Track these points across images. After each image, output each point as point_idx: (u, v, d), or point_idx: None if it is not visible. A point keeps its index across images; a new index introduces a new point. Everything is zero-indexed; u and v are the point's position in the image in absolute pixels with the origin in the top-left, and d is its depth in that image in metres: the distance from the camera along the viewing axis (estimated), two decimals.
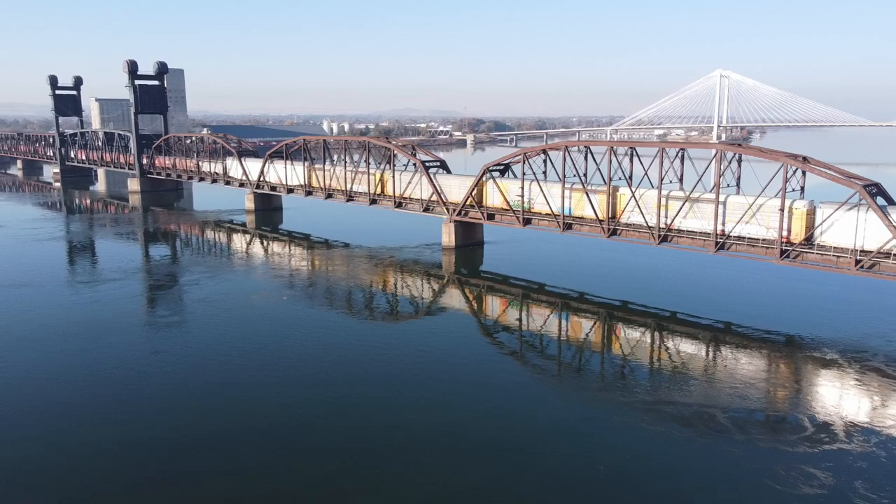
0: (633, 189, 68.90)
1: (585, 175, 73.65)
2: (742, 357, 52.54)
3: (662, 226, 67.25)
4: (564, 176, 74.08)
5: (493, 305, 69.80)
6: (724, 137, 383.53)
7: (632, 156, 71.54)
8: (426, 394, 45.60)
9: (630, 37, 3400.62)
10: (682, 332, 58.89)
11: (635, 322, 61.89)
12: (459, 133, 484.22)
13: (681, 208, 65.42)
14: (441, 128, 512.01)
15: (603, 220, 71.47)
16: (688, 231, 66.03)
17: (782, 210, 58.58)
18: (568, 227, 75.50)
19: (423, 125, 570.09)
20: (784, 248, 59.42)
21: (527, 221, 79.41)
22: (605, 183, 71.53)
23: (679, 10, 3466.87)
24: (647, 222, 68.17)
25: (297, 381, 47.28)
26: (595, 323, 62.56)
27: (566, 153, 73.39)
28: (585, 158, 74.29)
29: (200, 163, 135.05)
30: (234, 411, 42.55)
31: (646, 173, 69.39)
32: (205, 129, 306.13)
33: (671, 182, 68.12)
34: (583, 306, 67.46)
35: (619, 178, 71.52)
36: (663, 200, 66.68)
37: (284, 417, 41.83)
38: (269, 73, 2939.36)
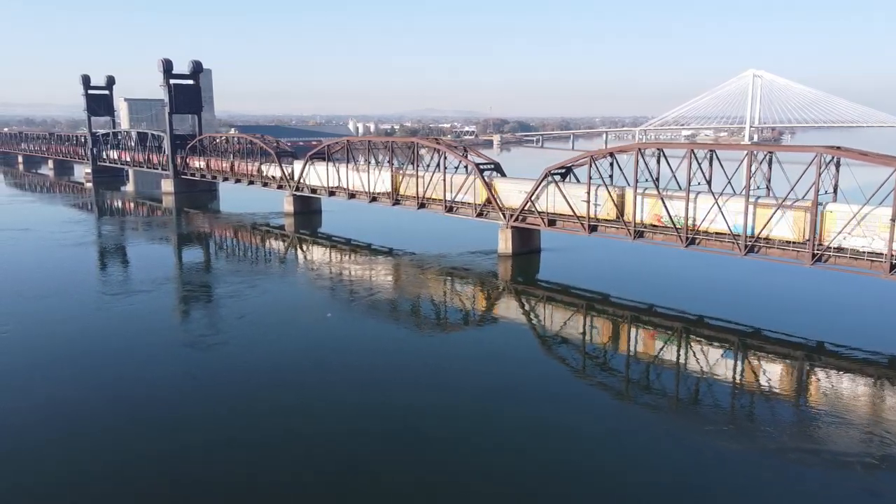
0: (717, 195, 63.86)
1: (658, 179, 69.13)
2: (848, 384, 47.56)
3: (749, 235, 62.24)
4: (636, 180, 69.29)
5: (567, 318, 64.90)
6: (755, 138, 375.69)
7: (711, 159, 66.60)
8: (505, 413, 41.80)
9: (652, 37, 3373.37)
10: (770, 351, 53.83)
11: (716, 338, 56.88)
12: (484, 134, 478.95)
13: (771, 216, 60.25)
14: (467, 128, 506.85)
15: (681, 229, 66.47)
16: (779, 241, 60.82)
17: (894, 220, 53.25)
18: (639, 235, 70.58)
19: (446, 125, 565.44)
20: (894, 262, 54.10)
21: (592, 228, 74.61)
22: (681, 188, 66.81)
23: (703, 13, 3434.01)
24: (730, 230, 63.13)
25: (358, 407, 42.95)
26: (669, 338, 57.85)
27: (639, 155, 68.53)
28: (658, 162, 69.62)
29: (237, 164, 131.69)
30: (290, 441, 38.58)
31: (729, 180, 64.25)
32: (232, 129, 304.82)
33: (758, 188, 62.95)
34: (655, 319, 62.71)
35: (698, 183, 66.63)
36: (750, 207, 61.60)
37: (345, 447, 37.68)
38: (289, 74, 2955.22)
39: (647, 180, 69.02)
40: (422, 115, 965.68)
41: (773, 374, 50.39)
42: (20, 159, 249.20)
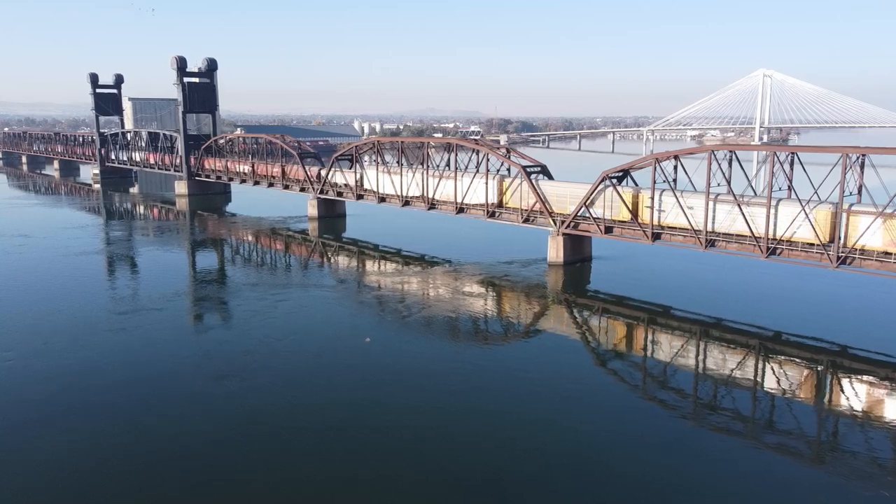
0: (804, 202, 58.70)
1: (729, 182, 64.28)
2: None
3: (840, 245, 57.19)
4: (709, 185, 64.21)
5: (634, 332, 59.64)
6: (765, 139, 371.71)
7: (792, 162, 61.52)
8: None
9: (651, 37, 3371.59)
10: (863, 371, 48.93)
11: (800, 357, 51.93)
12: (489, 134, 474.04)
13: (870, 225, 55.15)
14: (472, 128, 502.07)
15: (760, 238, 61.36)
16: (879, 252, 55.67)
17: None
18: (711, 244, 65.45)
19: (449, 125, 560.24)
20: None
21: (656, 236, 69.47)
22: (756, 193, 61.92)
23: (702, 13, 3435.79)
24: (819, 240, 58.02)
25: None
26: (745, 355, 52.75)
27: (712, 158, 63.42)
28: (730, 164, 64.69)
29: (257, 165, 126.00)
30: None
31: (815, 191, 58.87)
32: (238, 129, 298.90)
33: (851, 194, 57.81)
34: (726, 335, 57.54)
35: (778, 189, 61.60)
36: (843, 215, 56.53)
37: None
38: (287, 73, 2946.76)
39: (719, 184, 63.95)
40: (422, 114, 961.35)
41: (865, 397, 45.57)
42: (24, 159, 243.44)
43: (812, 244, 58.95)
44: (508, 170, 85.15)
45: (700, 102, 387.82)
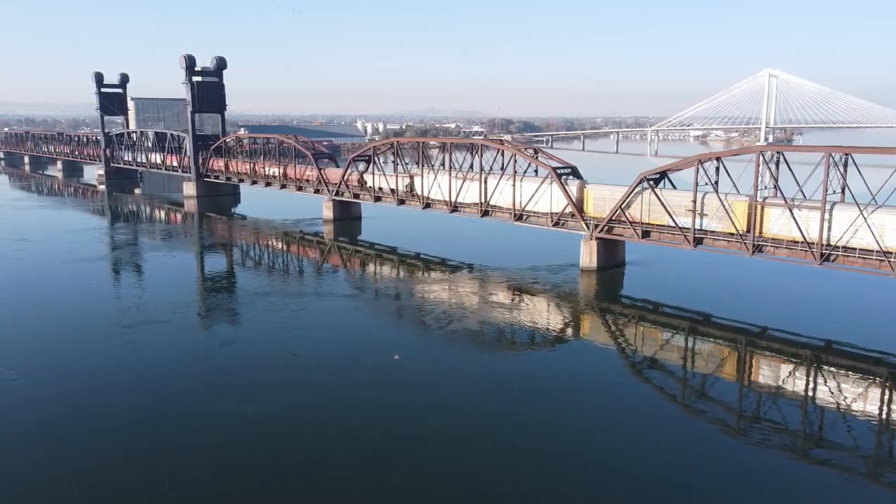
0: (862, 208, 55.75)
1: (777, 185, 61.50)
2: None
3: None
4: (757, 187, 61.28)
5: (688, 343, 56.61)
6: (770, 139, 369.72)
7: (846, 163, 58.57)
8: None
9: (652, 39, 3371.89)
10: None
11: (858, 369, 48.92)
12: (492, 134, 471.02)
13: None
14: (475, 128, 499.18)
15: (813, 244, 58.35)
16: None
17: None
18: (758, 249, 62.44)
19: (451, 125, 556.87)
20: None
21: (698, 241, 66.43)
22: (806, 197, 58.97)
23: (701, 14, 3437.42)
24: (880, 247, 55.04)
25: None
26: (795, 367, 49.85)
27: (760, 159, 60.48)
28: (777, 166, 61.78)
29: (269, 166, 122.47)
30: None
31: (872, 197, 55.86)
32: (241, 129, 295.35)
33: None
34: (774, 345, 54.69)
35: (833, 192, 58.71)
36: None
37: None
38: (285, 74, 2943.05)
39: (766, 187, 60.97)
40: (423, 114, 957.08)
41: None
42: (26, 160, 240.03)
43: (870, 250, 55.99)
44: (536, 171, 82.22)
45: (706, 102, 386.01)
